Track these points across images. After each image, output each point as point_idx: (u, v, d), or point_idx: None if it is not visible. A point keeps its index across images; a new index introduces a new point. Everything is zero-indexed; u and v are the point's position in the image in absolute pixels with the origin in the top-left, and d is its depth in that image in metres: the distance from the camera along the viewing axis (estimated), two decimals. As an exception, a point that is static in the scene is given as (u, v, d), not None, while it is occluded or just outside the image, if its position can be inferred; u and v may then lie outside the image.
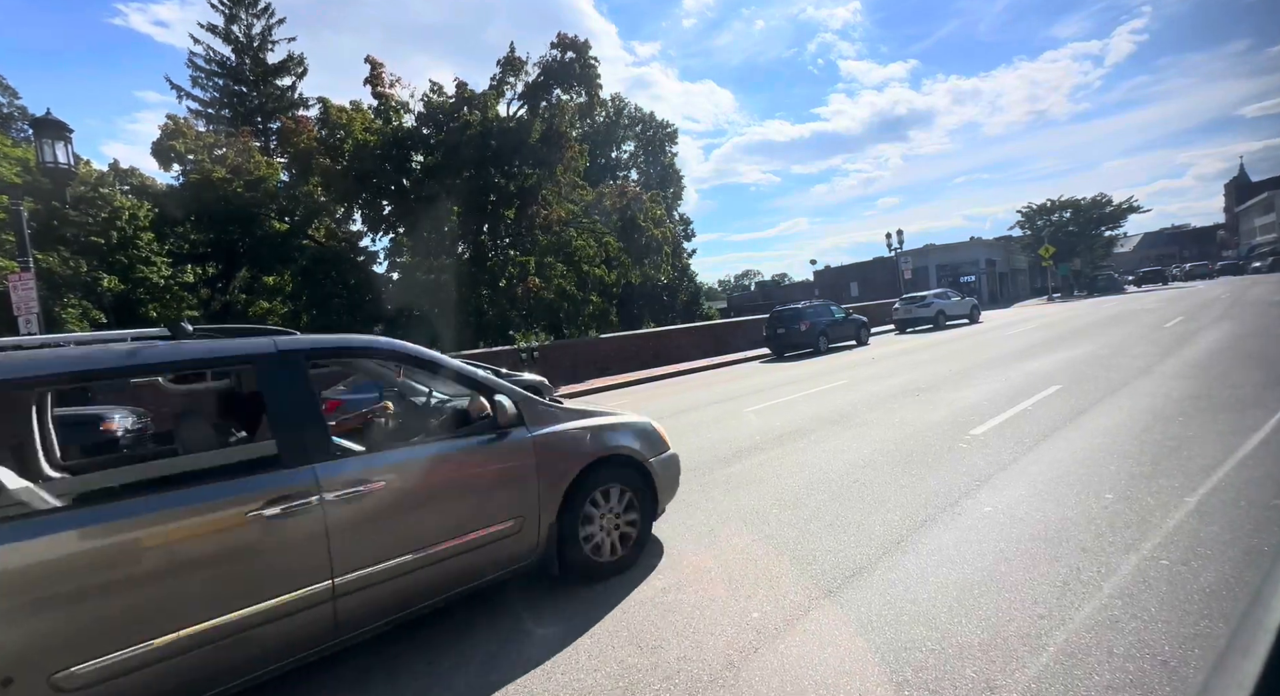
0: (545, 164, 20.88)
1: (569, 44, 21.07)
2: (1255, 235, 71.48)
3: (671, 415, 9.80)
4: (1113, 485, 4.30)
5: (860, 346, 19.19)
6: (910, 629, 2.75)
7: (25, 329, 8.89)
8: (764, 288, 71.42)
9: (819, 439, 6.76)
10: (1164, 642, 2.44)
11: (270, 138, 29.32)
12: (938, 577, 3.21)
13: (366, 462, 2.79)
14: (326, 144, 20.40)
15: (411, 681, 2.79)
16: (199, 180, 21.29)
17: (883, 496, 4.60)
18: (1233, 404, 6.18)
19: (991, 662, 2.44)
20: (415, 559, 2.81)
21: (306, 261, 21.89)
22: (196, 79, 30.54)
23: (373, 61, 20.33)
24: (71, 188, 11.11)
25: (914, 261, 35.23)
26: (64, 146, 9.28)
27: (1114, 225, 46.89)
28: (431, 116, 20.80)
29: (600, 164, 42.21)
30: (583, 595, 3.44)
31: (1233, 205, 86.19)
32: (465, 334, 20.22)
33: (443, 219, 20.62)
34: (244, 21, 30.93)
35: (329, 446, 2.73)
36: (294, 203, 23.37)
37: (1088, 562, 3.19)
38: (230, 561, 2.35)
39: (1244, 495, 3.84)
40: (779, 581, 3.39)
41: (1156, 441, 5.23)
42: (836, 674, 2.48)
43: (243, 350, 2.70)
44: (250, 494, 2.40)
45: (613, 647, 2.88)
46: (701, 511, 4.75)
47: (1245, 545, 3.18)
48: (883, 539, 3.80)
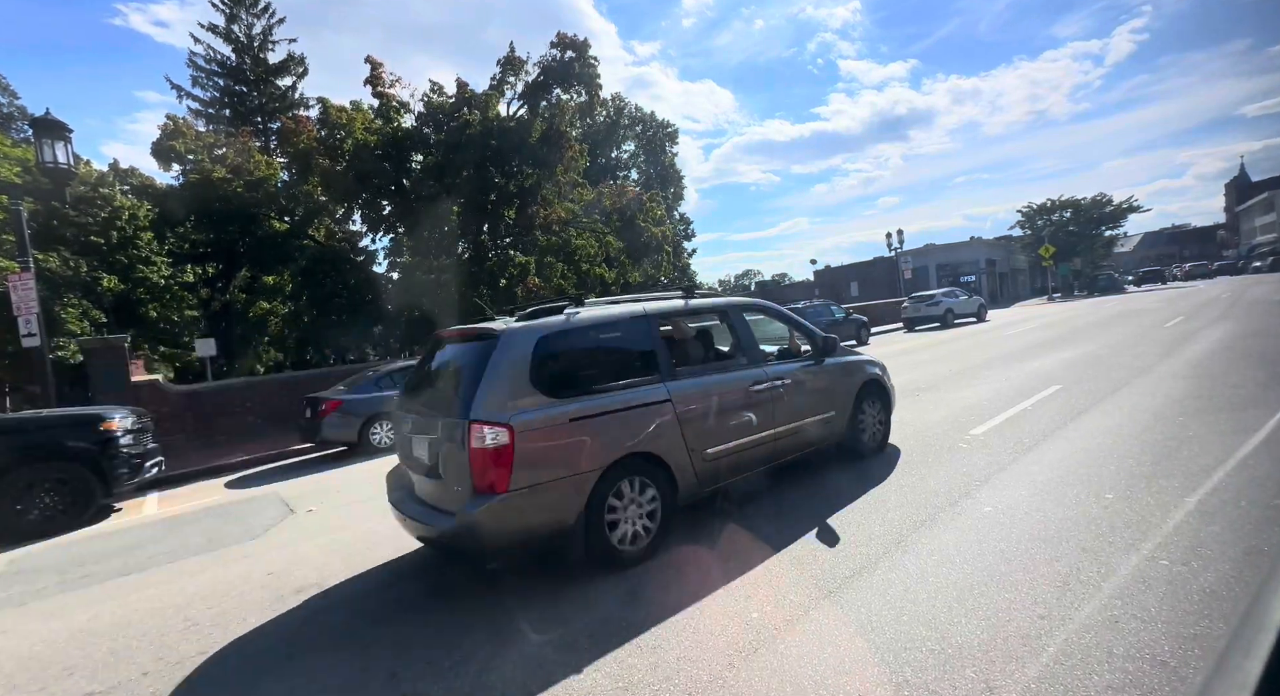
0: (545, 164, 20.87)
1: (569, 43, 21.06)
2: (1256, 235, 71.43)
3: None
4: (1113, 485, 4.30)
5: (860, 346, 19.19)
6: (910, 629, 2.74)
7: (25, 329, 8.89)
8: (764, 287, 71.32)
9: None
10: (1164, 643, 2.44)
11: (270, 138, 29.29)
12: (937, 577, 3.21)
13: (779, 369, 4.99)
14: (326, 144, 20.37)
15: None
16: (199, 180, 21.26)
17: (882, 496, 4.60)
18: (1233, 403, 6.18)
19: (991, 662, 2.44)
20: (796, 425, 4.95)
21: (306, 261, 21.86)
22: (197, 79, 30.51)
23: (373, 61, 20.32)
24: (71, 188, 11.12)
25: (914, 261, 35.24)
26: (64, 146, 9.28)
27: (1114, 225, 46.88)
28: (432, 116, 20.79)
29: (600, 164, 42.18)
30: (866, 468, 5.09)
31: (1233, 205, 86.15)
32: (465, 334, 20.19)
33: (443, 219, 20.60)
34: (244, 21, 30.90)
35: (765, 357, 5.11)
36: (294, 203, 23.34)
37: (1088, 562, 3.19)
38: (749, 408, 4.60)
39: (1244, 495, 3.84)
40: (779, 581, 3.39)
41: (1157, 441, 5.23)
42: (836, 674, 2.48)
43: (718, 304, 5.06)
44: (749, 378, 4.70)
45: (613, 647, 2.88)
46: (701, 511, 4.75)
47: (1246, 545, 3.17)
48: (882, 538, 3.80)
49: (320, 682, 2.89)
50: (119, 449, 7.13)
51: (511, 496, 3.35)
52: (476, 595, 3.68)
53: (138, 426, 7.69)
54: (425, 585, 3.94)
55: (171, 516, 6.95)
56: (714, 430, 4.32)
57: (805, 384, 5.12)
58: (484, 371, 3.57)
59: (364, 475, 8.05)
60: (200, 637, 3.54)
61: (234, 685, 2.98)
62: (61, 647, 3.64)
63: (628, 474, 3.85)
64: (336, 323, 21.10)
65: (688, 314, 4.86)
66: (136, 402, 10.71)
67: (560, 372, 3.80)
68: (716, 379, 4.54)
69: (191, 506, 7.34)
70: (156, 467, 7.90)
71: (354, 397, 9.83)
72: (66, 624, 4.01)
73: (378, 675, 2.88)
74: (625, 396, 3.92)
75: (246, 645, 3.38)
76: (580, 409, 3.69)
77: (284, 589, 4.16)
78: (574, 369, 3.94)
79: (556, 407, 3.62)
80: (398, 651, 3.09)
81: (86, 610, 4.21)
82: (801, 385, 5.07)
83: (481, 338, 3.84)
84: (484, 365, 3.60)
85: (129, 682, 3.11)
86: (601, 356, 4.14)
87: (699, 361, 4.94)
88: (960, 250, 46.00)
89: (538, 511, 3.48)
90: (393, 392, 10.17)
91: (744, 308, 5.14)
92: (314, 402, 9.81)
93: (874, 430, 5.75)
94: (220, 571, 4.72)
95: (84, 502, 6.88)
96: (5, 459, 6.50)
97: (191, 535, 5.95)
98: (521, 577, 3.78)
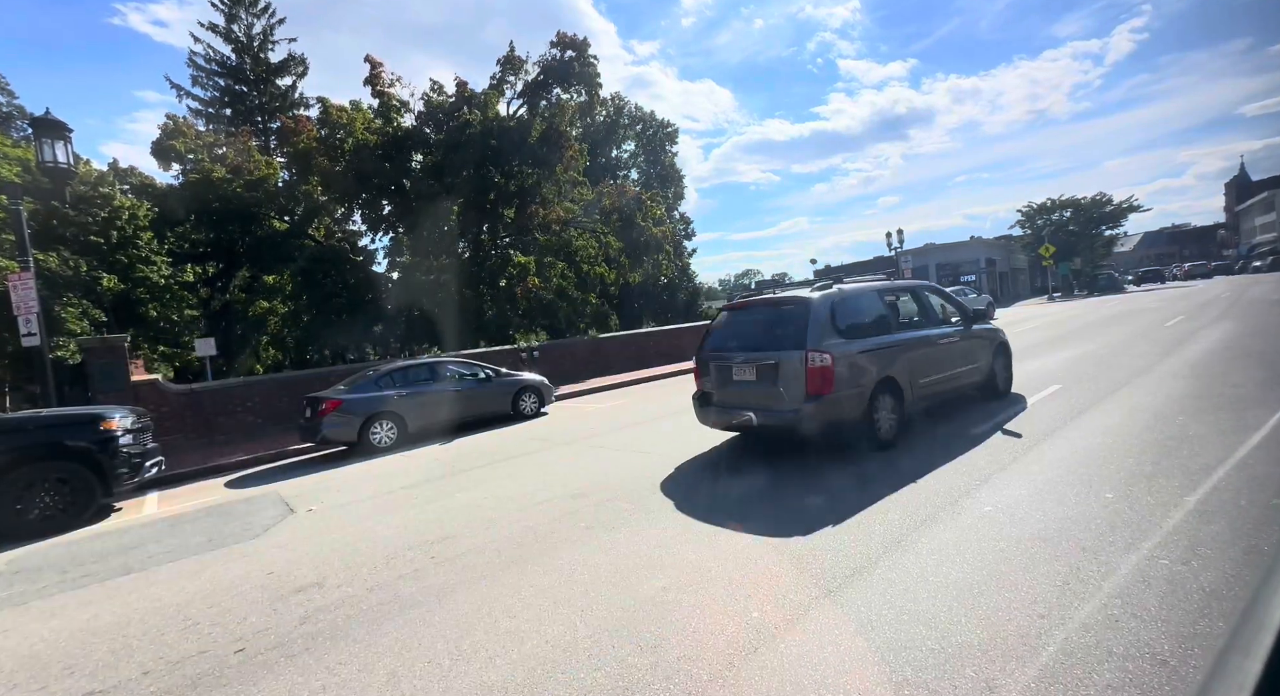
0: (545, 163, 20.86)
1: (568, 43, 21.04)
2: (1256, 234, 71.40)
3: (671, 415, 9.79)
4: (1113, 484, 4.30)
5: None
6: (910, 628, 2.74)
7: (25, 328, 8.89)
8: (764, 287, 71.37)
9: (819, 438, 6.76)
10: (1164, 642, 2.44)
11: (270, 137, 29.27)
12: (937, 577, 3.21)
13: (948, 331, 7.08)
14: (326, 143, 20.36)
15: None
16: (199, 179, 21.23)
17: (882, 495, 4.60)
18: (1233, 403, 6.18)
19: (991, 662, 2.44)
20: (959, 371, 7.09)
21: (306, 261, 21.83)
22: (196, 78, 30.50)
23: (372, 60, 20.31)
24: (71, 187, 11.11)
25: (914, 261, 35.19)
26: (63, 146, 9.28)
27: (1114, 224, 46.87)
28: (431, 116, 20.77)
29: (600, 163, 42.13)
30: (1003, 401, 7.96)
31: (1233, 204, 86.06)
32: (465, 333, 20.20)
33: (443, 218, 20.59)
34: (244, 21, 30.88)
35: (941, 322, 7.14)
36: (294, 202, 23.32)
37: (1088, 562, 3.19)
38: (937, 355, 6.72)
39: (1244, 494, 3.84)
40: (779, 580, 3.39)
41: (1157, 440, 5.23)
42: (836, 673, 2.48)
43: (911, 284, 7.42)
44: (936, 334, 6.82)
45: (613, 646, 2.88)
46: (701, 510, 4.75)
47: (1245, 544, 3.17)
48: (882, 538, 3.80)
49: (320, 682, 2.89)
50: (119, 448, 7.13)
51: (830, 398, 5.51)
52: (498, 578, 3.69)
53: (138, 426, 7.69)
54: (425, 585, 3.94)
55: (171, 516, 6.95)
56: (920, 367, 6.52)
57: (963, 343, 7.27)
58: (808, 322, 5.71)
59: (364, 474, 8.05)
60: (200, 637, 3.54)
61: (234, 684, 2.98)
62: (62, 646, 3.64)
63: (883, 391, 5.97)
64: (336, 322, 21.06)
65: (897, 290, 7.06)
66: (136, 402, 10.72)
67: (845, 324, 5.94)
68: (920, 333, 6.72)
69: (191, 506, 7.34)
70: (156, 467, 7.90)
71: (354, 397, 9.83)
72: (67, 623, 4.01)
73: (378, 675, 2.88)
74: (878, 341, 6.15)
75: (246, 644, 3.39)
76: (861, 347, 5.90)
77: (284, 588, 4.16)
78: (852, 322, 6.07)
79: (849, 346, 5.79)
80: (398, 651, 3.09)
81: (87, 609, 4.21)
82: (961, 343, 7.23)
83: (794, 303, 6.05)
84: (806, 318, 5.74)
85: (129, 681, 3.11)
86: (862, 315, 6.29)
87: (907, 322, 6.91)
88: (960, 249, 46.01)
89: (842, 409, 5.63)
90: (393, 392, 10.17)
91: (927, 288, 7.57)
92: (314, 402, 9.81)
93: (1004, 377, 8.06)
94: (220, 571, 4.72)
95: (84, 502, 6.88)
96: (5, 458, 6.50)
97: (191, 534, 5.95)
98: (815, 455, 5.90)
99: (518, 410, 11.46)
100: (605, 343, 20.41)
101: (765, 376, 5.87)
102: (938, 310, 7.29)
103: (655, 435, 8.30)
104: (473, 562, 4.23)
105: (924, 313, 7.10)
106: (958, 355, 7.11)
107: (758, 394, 5.94)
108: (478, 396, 11.08)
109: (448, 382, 10.90)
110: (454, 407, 10.69)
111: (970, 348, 7.34)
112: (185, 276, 21.96)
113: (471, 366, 11.59)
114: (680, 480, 5.76)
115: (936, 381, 6.69)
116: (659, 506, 5.00)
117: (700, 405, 6.69)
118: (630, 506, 5.09)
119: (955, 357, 7.06)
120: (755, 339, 6.21)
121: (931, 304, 7.25)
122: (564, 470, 6.83)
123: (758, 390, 5.95)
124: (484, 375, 11.42)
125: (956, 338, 7.12)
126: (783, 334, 5.89)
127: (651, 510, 4.93)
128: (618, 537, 4.39)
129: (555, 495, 5.73)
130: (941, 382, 6.79)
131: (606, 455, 7.36)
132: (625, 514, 4.91)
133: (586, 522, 4.80)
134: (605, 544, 4.29)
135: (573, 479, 6.32)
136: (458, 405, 10.75)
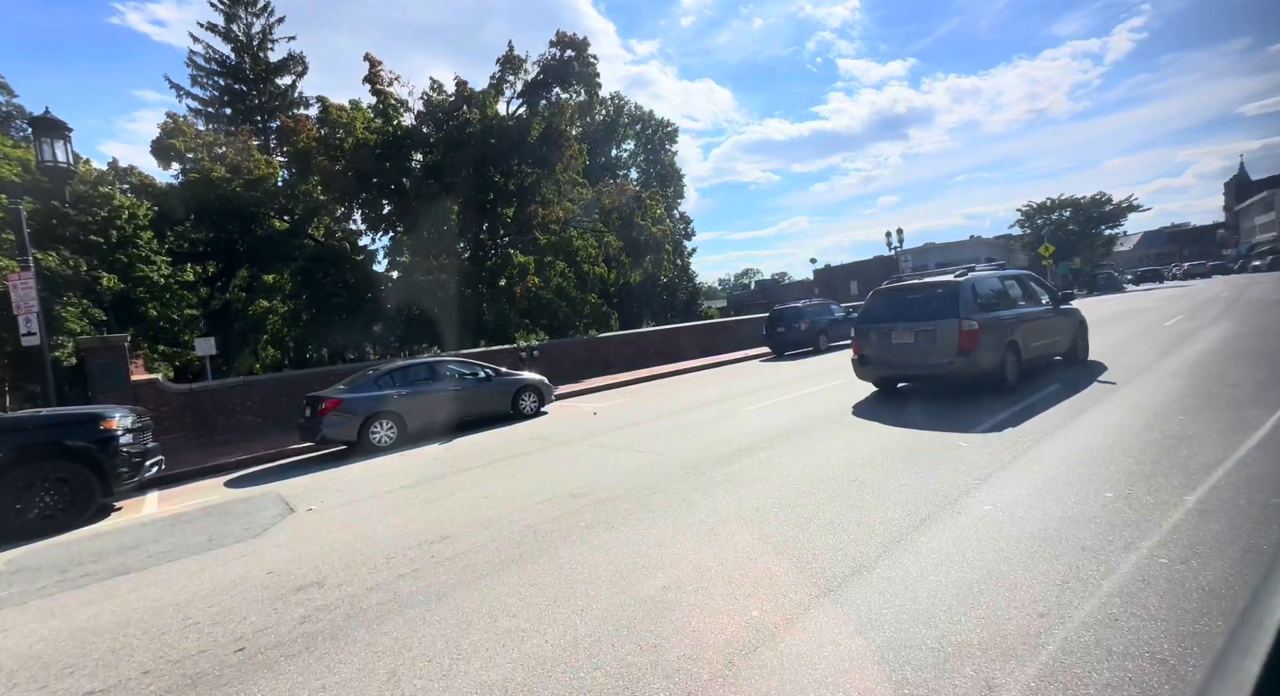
0: (545, 163, 20.85)
1: (568, 42, 21.03)
2: (1255, 234, 71.42)
3: (672, 414, 9.80)
4: (1113, 483, 4.30)
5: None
6: (909, 627, 2.75)
7: (25, 328, 8.88)
8: (764, 286, 71.31)
9: (819, 437, 6.76)
10: (1163, 641, 2.44)
11: (270, 136, 29.27)
12: (937, 576, 3.21)
13: (1043, 309, 9.13)
14: (326, 143, 20.34)
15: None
16: (198, 179, 21.23)
17: (882, 495, 4.60)
18: (1232, 402, 6.18)
19: (991, 661, 2.44)
20: (1051, 341, 9.14)
21: (306, 260, 21.82)
22: (196, 78, 30.51)
23: (371, 60, 20.29)
24: (71, 186, 11.11)
25: (914, 260, 35.20)
26: (63, 145, 9.28)
27: (1114, 224, 46.86)
28: (431, 115, 20.76)
29: (600, 163, 42.12)
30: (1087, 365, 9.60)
31: (1233, 204, 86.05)
32: (465, 333, 20.20)
33: (442, 218, 20.58)
34: (244, 20, 30.88)
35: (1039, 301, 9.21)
36: (294, 202, 23.32)
37: (1087, 561, 3.19)
38: (1049, 326, 9.07)
39: (1244, 493, 3.84)
40: (779, 580, 3.39)
41: (1156, 440, 5.23)
42: (836, 672, 2.48)
43: (1016, 272, 9.43)
44: (1038, 310, 8.99)
45: (613, 645, 2.89)
46: (702, 510, 4.75)
47: (1245, 543, 3.18)
48: (882, 537, 3.80)
49: (320, 681, 2.89)
50: (119, 448, 7.13)
51: (975, 354, 7.59)
52: (486, 588, 3.69)
53: (137, 425, 7.68)
54: (425, 584, 3.95)
55: (171, 515, 6.95)
56: (1030, 334, 8.54)
57: (1055, 319, 9.30)
58: (959, 298, 7.83)
59: (364, 474, 8.05)
60: (200, 636, 3.54)
61: (234, 684, 2.98)
62: (62, 646, 3.64)
63: (1009, 350, 8.02)
64: (336, 322, 21.06)
65: (1009, 276, 9.09)
66: (136, 401, 10.71)
67: (981, 300, 8.03)
68: (1028, 309, 8.81)
69: (191, 505, 7.34)
70: (156, 466, 7.90)
71: (354, 396, 9.83)
72: (67, 622, 4.01)
73: (378, 675, 2.89)
74: (1004, 313, 8.26)
75: (246, 644, 3.39)
76: (994, 317, 8.00)
77: (284, 588, 4.17)
78: (985, 299, 8.15)
79: (987, 316, 7.90)
80: (398, 650, 3.09)
81: (86, 609, 4.21)
82: (1054, 319, 9.27)
83: (944, 285, 8.12)
84: (958, 295, 7.86)
85: (129, 681, 3.11)
86: (991, 294, 8.37)
87: (1017, 300, 8.83)
88: (960, 249, 46.08)
89: (983, 362, 7.67)
90: (392, 391, 10.17)
91: (1028, 276, 9.62)
92: (314, 401, 9.81)
93: (1083, 347, 10.01)
94: (220, 570, 4.72)
95: (84, 501, 6.88)
96: (5, 458, 6.50)
97: (191, 534, 5.95)
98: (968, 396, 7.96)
99: (517, 409, 11.47)
100: (605, 342, 20.41)
101: (923, 338, 8.04)
102: (1037, 293, 9.30)
103: (655, 435, 8.30)
104: (473, 562, 4.23)
105: (1027, 294, 9.11)
106: (1053, 328, 9.21)
107: (915, 352, 8.15)
108: (477, 396, 11.08)
109: (447, 382, 10.90)
110: (454, 407, 10.69)
111: (1060, 323, 9.42)
112: (185, 276, 21.96)
113: (471, 366, 11.59)
114: (692, 478, 5.76)
115: (1040, 346, 8.81)
116: (659, 505, 5.01)
117: (860, 365, 8.95)
118: (630, 506, 5.09)
119: (1051, 329, 9.17)
120: (911, 311, 8.31)
121: (1033, 288, 9.32)
122: (564, 469, 6.83)
123: (915, 349, 8.15)
124: (484, 374, 11.42)
125: (1051, 315, 9.22)
126: (937, 307, 7.98)
127: (651, 509, 4.93)
128: (618, 537, 4.39)
129: (555, 494, 5.73)
130: (1043, 348, 8.92)
131: (606, 454, 7.36)
132: (625, 513, 4.91)
133: (586, 522, 4.80)
134: (605, 543, 4.30)
135: (572, 478, 6.32)
136: (457, 404, 10.75)
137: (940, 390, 8.70)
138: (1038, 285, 9.51)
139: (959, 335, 7.60)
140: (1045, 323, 8.97)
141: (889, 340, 8.40)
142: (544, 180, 21.31)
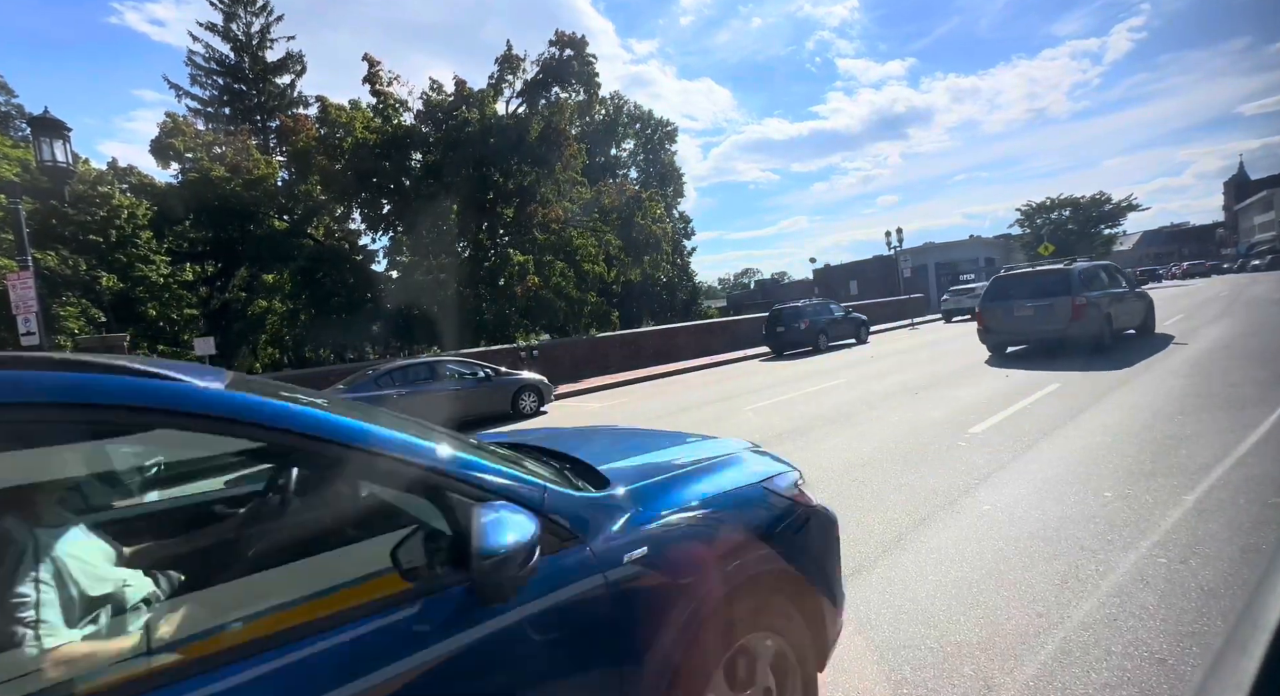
0: (544, 162, 20.83)
1: (567, 41, 21.01)
2: (1254, 233, 71.50)
3: (672, 414, 9.80)
4: (1112, 483, 4.30)
5: (860, 344, 19.19)
6: (909, 627, 2.75)
7: (24, 328, 8.88)
8: (763, 286, 71.34)
9: (818, 437, 6.76)
10: (1162, 641, 2.44)
11: (269, 136, 29.26)
12: (936, 576, 3.21)
13: (1127, 290, 11.96)
14: (325, 143, 20.34)
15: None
16: (198, 178, 21.22)
17: (882, 494, 4.60)
18: (1232, 402, 6.18)
19: (990, 661, 2.44)
20: (1135, 315, 12.13)
21: (305, 260, 21.82)
22: (195, 77, 30.49)
23: (371, 59, 20.27)
24: (70, 186, 11.09)
25: (913, 260, 35.20)
26: (62, 145, 9.25)
27: (1113, 223, 46.98)
28: (430, 114, 20.75)
29: (599, 162, 42.09)
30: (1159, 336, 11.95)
31: (1232, 203, 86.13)
32: (465, 332, 20.20)
33: (442, 217, 20.57)
34: (243, 20, 30.86)
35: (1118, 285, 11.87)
36: (293, 201, 23.32)
37: (1086, 561, 3.20)
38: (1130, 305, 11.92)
39: (1243, 493, 3.84)
40: (778, 579, 3.39)
41: (1156, 439, 5.23)
42: (835, 672, 2.48)
43: (1103, 264, 12.49)
44: (1121, 292, 11.75)
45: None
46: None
47: (1244, 543, 3.18)
48: (882, 537, 3.80)
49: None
50: (118, 448, 7.11)
51: (1082, 322, 10.42)
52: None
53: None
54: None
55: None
56: (1117, 309, 11.15)
57: (1133, 299, 11.86)
58: (1070, 281, 10.61)
59: (363, 474, 8.03)
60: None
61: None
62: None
63: (1105, 320, 10.70)
64: (335, 321, 21.06)
65: (1099, 266, 11.74)
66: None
67: (1085, 282, 10.71)
68: (1115, 291, 11.37)
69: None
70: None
71: (352, 396, 9.83)
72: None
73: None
74: (1101, 293, 10.85)
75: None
76: (1097, 295, 10.73)
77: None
78: (1087, 282, 10.74)
79: (1089, 294, 10.60)
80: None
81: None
82: (1132, 300, 11.83)
83: (1057, 272, 11.05)
84: (1069, 279, 10.65)
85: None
86: (1090, 278, 10.95)
87: (1106, 284, 11.32)
88: (959, 248, 46.01)
89: (1088, 328, 10.49)
90: (392, 391, 10.17)
91: (1112, 266, 12.28)
92: (313, 401, 9.80)
93: (1151, 322, 12.43)
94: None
95: (83, 501, 6.86)
96: None
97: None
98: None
99: (517, 409, 11.46)
100: (604, 342, 20.42)
101: (1040, 311, 10.71)
102: (1120, 279, 11.93)
103: (654, 434, 8.29)
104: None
105: (1112, 280, 11.68)
106: (1132, 307, 11.84)
107: (1035, 321, 10.84)
108: (477, 395, 11.08)
109: (447, 382, 10.90)
110: (453, 406, 10.69)
111: (1137, 304, 12.05)
112: (184, 275, 21.99)
113: (471, 365, 11.59)
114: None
115: (1123, 320, 11.50)
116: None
117: (985, 332, 11.82)
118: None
119: (1131, 308, 11.79)
120: (1028, 291, 11.02)
121: (1117, 276, 11.98)
122: (563, 469, 6.81)
123: (1034, 319, 10.83)
124: (483, 374, 11.42)
125: (1131, 296, 11.83)
126: (1051, 287, 10.71)
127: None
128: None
129: (555, 494, 5.71)
130: (1126, 320, 11.69)
131: (606, 454, 7.33)
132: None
133: (586, 521, 4.79)
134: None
135: (572, 478, 6.29)
136: (457, 404, 10.75)
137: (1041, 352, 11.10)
138: (1120, 274, 12.19)
139: (1071, 308, 10.27)
140: (1127, 302, 11.56)
141: (1011, 313, 11.11)
142: (543, 179, 21.29)
